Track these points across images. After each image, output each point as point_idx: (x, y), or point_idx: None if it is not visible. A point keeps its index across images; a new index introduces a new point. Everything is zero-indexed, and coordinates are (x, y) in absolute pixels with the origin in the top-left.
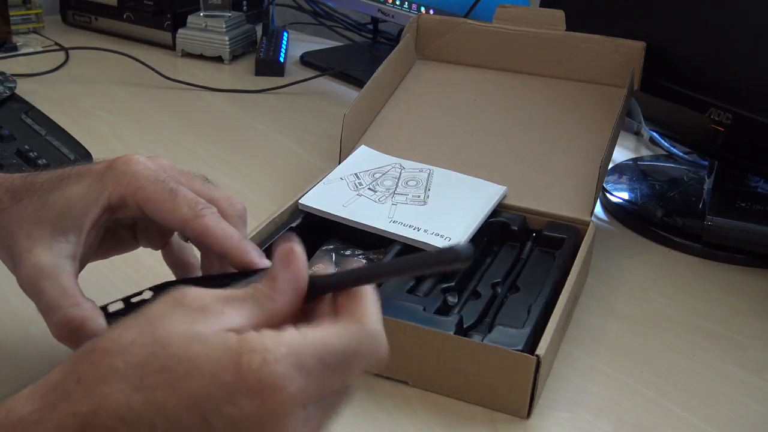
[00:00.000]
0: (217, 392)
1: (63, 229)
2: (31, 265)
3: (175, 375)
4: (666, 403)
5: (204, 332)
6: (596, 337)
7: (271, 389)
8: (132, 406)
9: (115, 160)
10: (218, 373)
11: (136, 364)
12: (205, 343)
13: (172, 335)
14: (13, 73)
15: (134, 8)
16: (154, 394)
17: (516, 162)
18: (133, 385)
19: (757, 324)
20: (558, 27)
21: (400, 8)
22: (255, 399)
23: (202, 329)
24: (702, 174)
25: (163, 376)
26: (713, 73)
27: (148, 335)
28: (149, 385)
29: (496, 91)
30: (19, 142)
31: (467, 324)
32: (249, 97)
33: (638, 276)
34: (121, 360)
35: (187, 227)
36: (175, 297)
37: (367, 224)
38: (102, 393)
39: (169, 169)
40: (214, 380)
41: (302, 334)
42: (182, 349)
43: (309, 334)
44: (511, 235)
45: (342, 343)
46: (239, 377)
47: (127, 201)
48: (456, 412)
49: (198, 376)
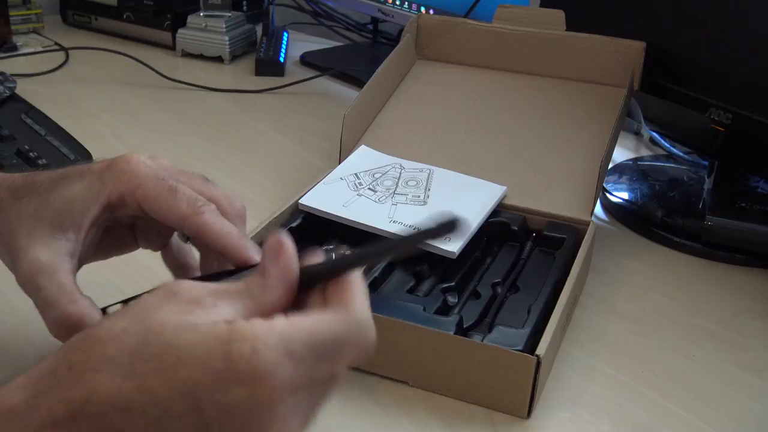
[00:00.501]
0: (208, 380)
1: (62, 227)
2: (29, 262)
3: (166, 363)
4: (666, 403)
5: (196, 322)
6: (596, 337)
7: (261, 377)
8: (124, 393)
9: (115, 159)
10: (209, 360)
11: (128, 352)
12: (196, 332)
13: (165, 324)
14: (13, 73)
15: (134, 8)
16: (146, 381)
17: (516, 162)
18: (125, 373)
19: (757, 324)
20: (558, 27)
21: (400, 8)
22: (246, 386)
23: (194, 320)
24: (702, 174)
25: (154, 364)
26: (713, 73)
27: (140, 324)
28: (141, 373)
29: (496, 91)
30: (19, 142)
31: (467, 324)
32: (249, 97)
33: (638, 276)
34: (113, 348)
35: (186, 224)
36: (169, 289)
37: (367, 224)
38: (94, 380)
39: (169, 168)
40: (205, 368)
41: (292, 323)
42: (174, 337)
43: (298, 323)
44: (511, 235)
45: (331, 330)
46: (230, 365)
47: (126, 199)
48: (456, 412)
49: (189, 363)
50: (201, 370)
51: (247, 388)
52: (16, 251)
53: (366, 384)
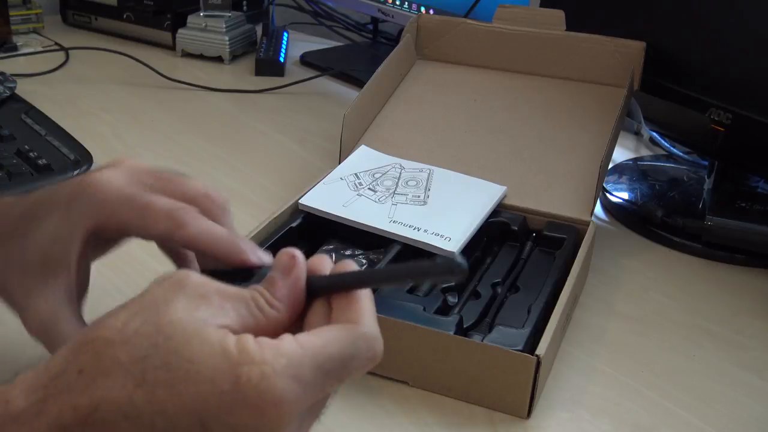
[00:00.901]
0: (216, 401)
1: (52, 272)
2: (32, 320)
3: (176, 375)
4: (666, 403)
5: (205, 328)
6: (596, 337)
7: (270, 403)
8: (134, 402)
9: (79, 184)
10: (217, 381)
11: (138, 358)
12: (205, 344)
13: (174, 323)
14: (13, 73)
15: (134, 8)
16: (156, 392)
17: (516, 162)
18: (136, 381)
19: (757, 324)
20: (558, 27)
21: (400, 8)
22: (254, 411)
23: (203, 317)
24: (702, 174)
25: (164, 374)
26: (713, 73)
27: (150, 324)
28: (151, 382)
29: (496, 91)
30: (19, 142)
31: (467, 324)
32: (249, 97)
33: (638, 276)
34: (125, 352)
35: (173, 240)
36: (177, 280)
37: (367, 224)
38: (105, 386)
39: (136, 174)
40: (214, 388)
41: (301, 345)
42: (183, 345)
43: (308, 345)
44: (511, 235)
45: (340, 350)
46: (238, 388)
47: (104, 226)
48: (456, 412)
49: (197, 381)
50: (209, 391)
51: (255, 413)
52: (16, 306)
53: (366, 384)
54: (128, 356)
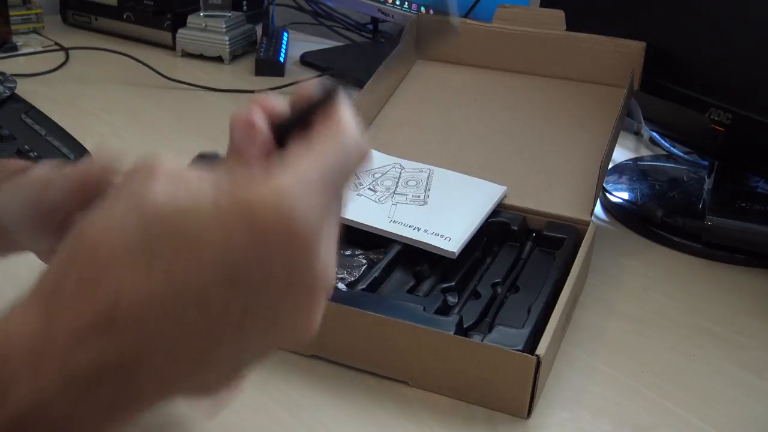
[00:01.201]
0: (237, 255)
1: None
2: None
3: (185, 243)
4: (666, 403)
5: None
6: (596, 337)
7: (293, 230)
8: (153, 287)
9: None
10: (230, 233)
11: (140, 239)
12: (200, 210)
13: (160, 206)
14: (13, 73)
15: (134, 8)
16: (172, 267)
17: (516, 162)
18: (147, 259)
19: (757, 324)
20: (558, 27)
21: (400, 8)
22: (281, 245)
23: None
24: (702, 174)
25: (172, 245)
26: (713, 73)
27: (137, 210)
28: (162, 255)
29: (496, 91)
30: (19, 142)
31: (467, 324)
32: (249, 97)
33: (638, 276)
34: (121, 242)
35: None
36: (146, 166)
37: (367, 224)
38: (115, 280)
39: None
40: (231, 240)
41: (294, 170)
42: (180, 212)
43: (300, 168)
44: (511, 235)
45: (334, 155)
46: (254, 229)
47: None
48: (456, 412)
49: (212, 240)
50: (227, 243)
51: (282, 247)
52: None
53: (366, 384)
54: (127, 243)
